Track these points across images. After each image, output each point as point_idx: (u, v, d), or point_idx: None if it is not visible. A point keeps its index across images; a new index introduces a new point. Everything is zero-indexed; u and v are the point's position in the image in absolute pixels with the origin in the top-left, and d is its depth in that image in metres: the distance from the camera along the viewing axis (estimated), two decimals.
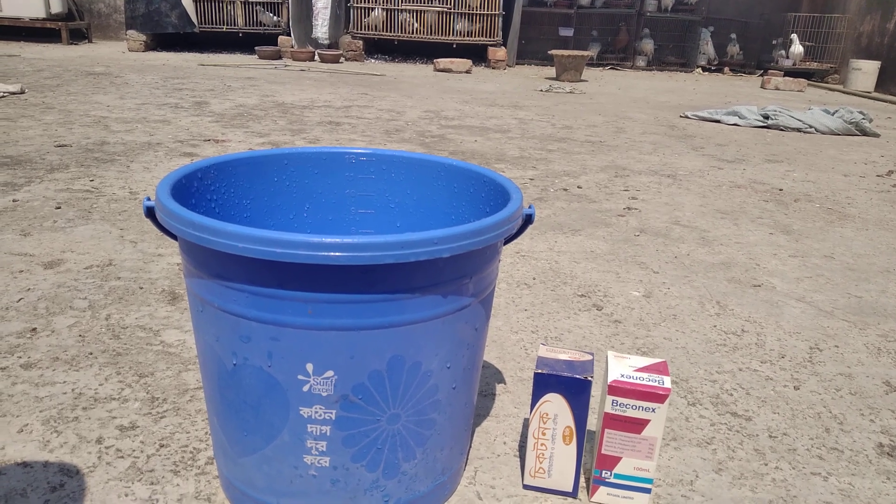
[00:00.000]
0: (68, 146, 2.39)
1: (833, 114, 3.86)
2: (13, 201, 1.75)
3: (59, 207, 1.72)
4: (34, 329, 1.09)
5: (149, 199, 0.66)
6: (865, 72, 6.57)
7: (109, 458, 0.80)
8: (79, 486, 0.75)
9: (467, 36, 6.77)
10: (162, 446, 0.82)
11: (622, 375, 0.73)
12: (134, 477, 0.77)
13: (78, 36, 6.97)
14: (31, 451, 0.80)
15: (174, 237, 0.69)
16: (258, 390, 0.63)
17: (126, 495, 0.74)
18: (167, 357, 1.03)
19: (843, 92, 6.41)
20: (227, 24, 6.70)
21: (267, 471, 0.67)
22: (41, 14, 6.44)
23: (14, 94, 3.43)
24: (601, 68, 7.52)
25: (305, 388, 0.62)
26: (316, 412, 0.63)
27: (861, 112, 3.82)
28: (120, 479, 0.76)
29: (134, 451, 0.81)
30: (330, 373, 0.61)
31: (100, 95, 3.56)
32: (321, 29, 6.66)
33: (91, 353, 1.03)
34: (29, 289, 1.24)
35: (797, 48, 7.22)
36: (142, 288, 1.27)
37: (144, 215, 0.65)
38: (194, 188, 0.74)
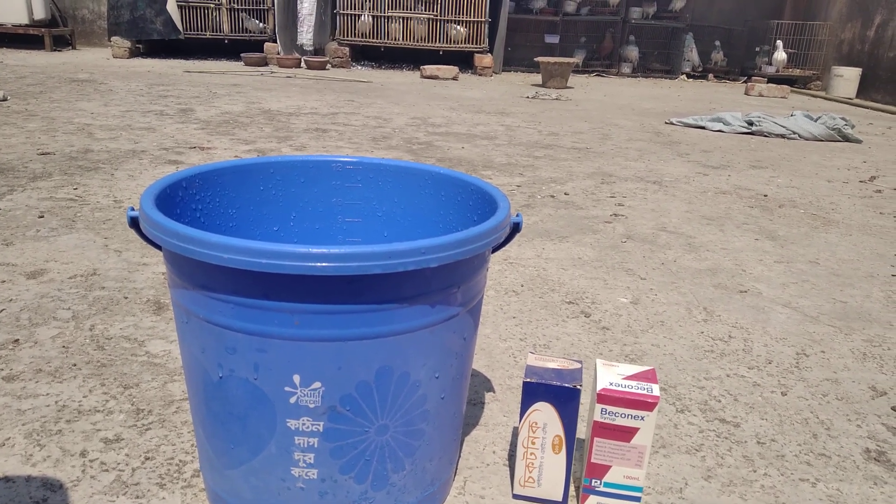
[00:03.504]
0: (52, 154, 2.37)
1: (816, 120, 3.90)
2: None
3: (42, 216, 1.70)
4: (17, 340, 1.08)
5: (132, 209, 0.65)
6: (847, 78, 6.65)
7: (94, 472, 0.78)
8: (62, 500, 0.73)
9: (454, 43, 6.79)
10: (147, 459, 0.81)
11: (611, 384, 0.73)
12: (119, 490, 0.76)
13: (62, 42, 6.92)
14: (14, 465, 0.79)
15: (159, 247, 0.69)
16: (244, 402, 0.62)
17: None
18: (152, 368, 1.02)
19: (826, 98, 6.49)
20: (213, 31, 6.67)
21: (254, 483, 0.66)
22: (24, 20, 6.39)
23: None
24: (587, 75, 7.57)
25: (292, 400, 0.61)
26: (303, 424, 0.62)
27: (843, 118, 3.87)
28: (105, 492, 0.75)
29: (119, 464, 0.80)
30: (317, 384, 0.60)
31: (84, 102, 3.53)
32: (306, 35, 6.66)
33: (75, 365, 1.01)
34: (11, 299, 1.22)
35: (781, 55, 7.30)
36: (126, 298, 1.26)
37: (128, 225, 0.65)
38: (179, 197, 0.74)
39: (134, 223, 0.65)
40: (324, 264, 0.54)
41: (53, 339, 1.09)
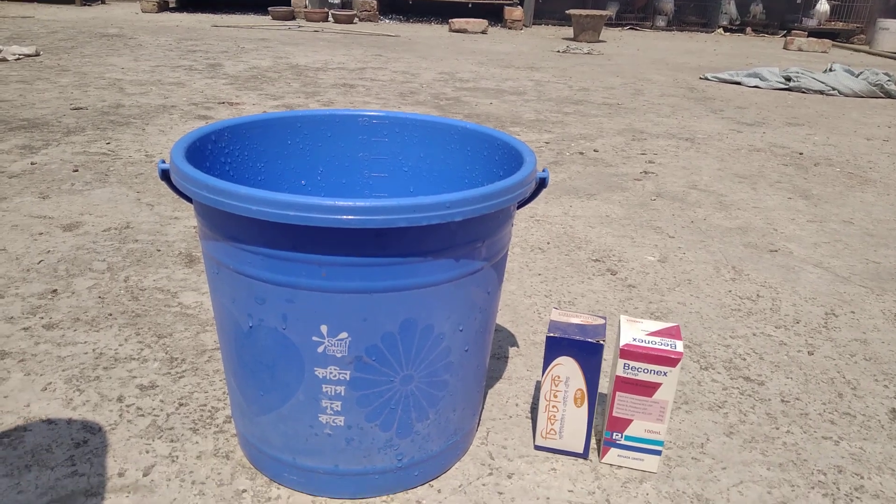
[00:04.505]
0: (84, 109, 2.40)
1: (857, 75, 3.76)
2: (31, 164, 1.76)
3: (76, 170, 1.73)
4: (55, 290, 1.11)
5: (163, 161, 0.66)
6: (893, 31, 6.39)
7: (130, 416, 0.82)
8: (101, 442, 0.77)
9: None
10: (181, 405, 0.84)
11: (634, 339, 0.73)
12: (154, 434, 0.79)
13: None
14: (55, 408, 0.82)
15: (189, 200, 0.70)
16: (274, 351, 0.64)
17: (147, 452, 0.76)
18: (185, 318, 1.05)
19: (869, 53, 6.25)
20: None
21: (283, 429, 0.68)
22: None
23: (29, 56, 3.43)
24: (620, 28, 7.38)
25: (320, 350, 0.62)
26: (330, 373, 0.64)
27: (887, 73, 3.73)
28: (141, 436, 0.78)
29: (154, 409, 0.83)
30: (344, 334, 0.62)
31: (114, 58, 3.55)
32: None
33: (111, 315, 1.05)
34: (49, 251, 1.26)
35: (823, 6, 7.03)
36: (159, 250, 1.29)
37: (160, 178, 0.66)
38: (208, 151, 0.75)
39: (165, 176, 0.66)
40: (350, 217, 0.55)
41: (90, 289, 1.12)
